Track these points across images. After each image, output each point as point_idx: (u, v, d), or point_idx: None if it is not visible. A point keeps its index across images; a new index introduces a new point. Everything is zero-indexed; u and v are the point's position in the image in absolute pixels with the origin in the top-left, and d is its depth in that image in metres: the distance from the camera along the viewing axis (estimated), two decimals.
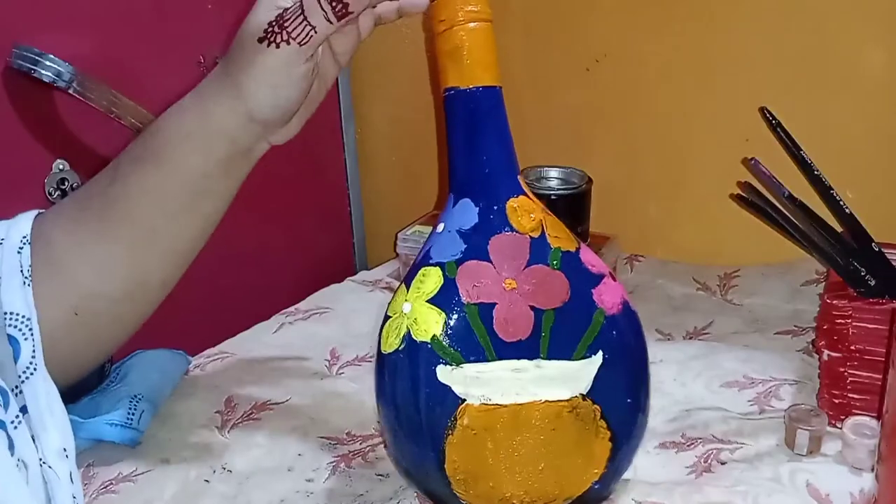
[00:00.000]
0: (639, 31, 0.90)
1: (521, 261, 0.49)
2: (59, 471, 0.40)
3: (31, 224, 0.44)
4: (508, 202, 0.50)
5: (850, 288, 0.61)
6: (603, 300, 0.49)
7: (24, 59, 0.67)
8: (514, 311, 0.48)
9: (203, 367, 0.75)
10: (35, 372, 0.41)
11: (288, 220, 1.02)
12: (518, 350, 0.48)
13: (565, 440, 0.48)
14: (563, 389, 0.48)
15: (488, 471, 0.48)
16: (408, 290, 0.51)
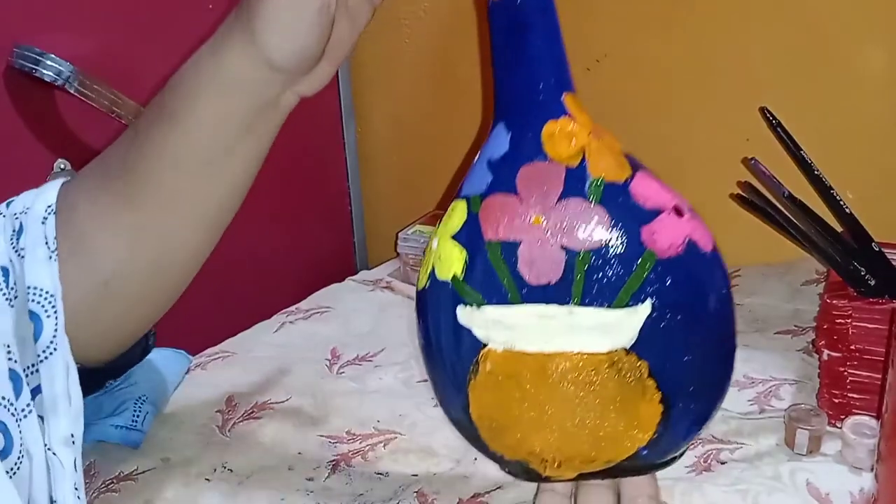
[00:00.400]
0: (639, 32, 0.90)
1: (554, 194, 0.43)
2: (63, 458, 0.38)
3: (57, 193, 0.41)
4: (546, 126, 0.44)
5: (850, 288, 0.61)
6: (655, 240, 0.42)
7: (25, 59, 0.67)
8: (541, 250, 0.43)
9: (204, 366, 0.75)
10: (55, 352, 0.39)
11: (289, 220, 1.02)
12: (546, 294, 0.43)
13: (603, 397, 0.43)
14: (601, 341, 0.43)
15: (515, 421, 0.44)
16: (438, 227, 0.46)
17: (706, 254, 0.43)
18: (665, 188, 0.44)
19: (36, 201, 0.41)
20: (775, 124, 0.67)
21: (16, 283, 0.39)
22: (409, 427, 0.64)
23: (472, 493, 0.55)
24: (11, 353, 0.38)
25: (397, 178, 1.14)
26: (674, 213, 0.43)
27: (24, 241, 0.39)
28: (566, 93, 0.45)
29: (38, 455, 0.38)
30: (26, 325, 0.39)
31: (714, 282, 0.43)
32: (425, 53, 1.05)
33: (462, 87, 1.04)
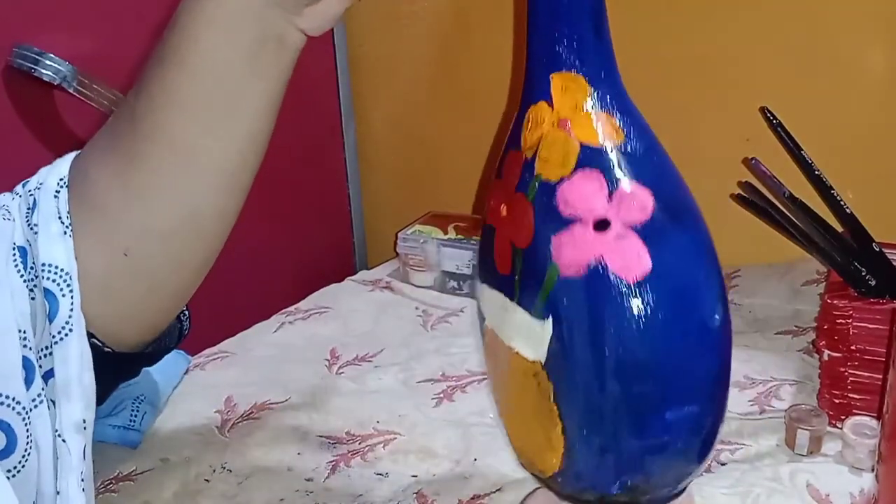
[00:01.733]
0: (639, 32, 0.90)
1: (512, 185, 0.40)
2: (72, 446, 0.37)
3: (70, 165, 0.39)
4: (529, 110, 0.40)
5: (851, 288, 0.61)
6: (560, 255, 0.37)
7: (24, 59, 0.67)
8: (500, 241, 0.41)
9: (203, 366, 0.75)
10: (70, 333, 0.37)
11: (288, 220, 1.02)
12: (502, 284, 0.41)
13: (530, 406, 0.40)
14: (528, 347, 0.39)
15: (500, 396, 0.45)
16: None
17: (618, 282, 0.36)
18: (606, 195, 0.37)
19: (49, 176, 0.39)
20: (776, 124, 0.67)
21: (34, 263, 0.37)
22: (408, 427, 0.64)
23: (471, 495, 0.54)
24: (27, 340, 0.36)
25: (397, 179, 1.13)
26: (591, 226, 0.37)
27: (36, 217, 0.38)
28: (556, 72, 0.40)
29: (47, 445, 0.37)
30: (41, 305, 0.37)
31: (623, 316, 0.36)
32: (425, 54, 1.05)
33: (462, 88, 1.04)
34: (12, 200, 0.40)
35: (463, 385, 0.70)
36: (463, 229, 0.93)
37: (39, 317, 0.37)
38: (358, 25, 1.07)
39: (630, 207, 0.37)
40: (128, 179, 0.38)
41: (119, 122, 0.39)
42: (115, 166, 0.38)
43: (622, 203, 0.37)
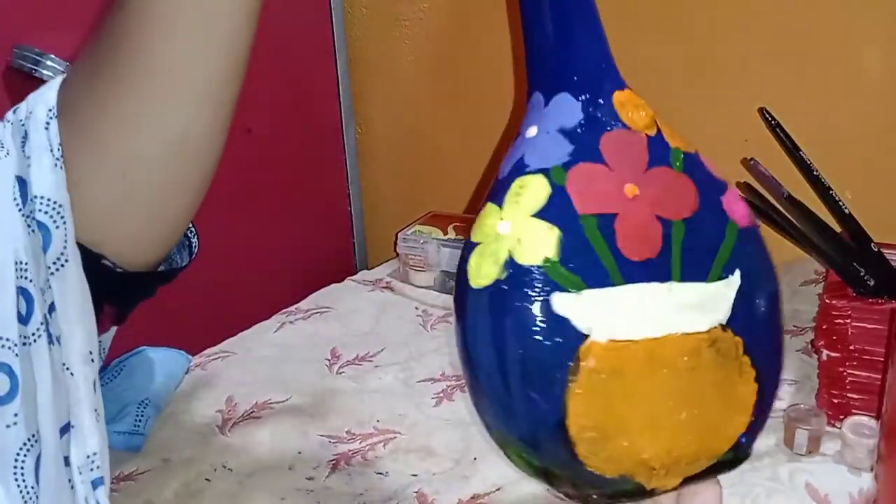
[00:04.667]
0: (639, 32, 0.90)
1: (641, 162, 0.40)
2: (80, 378, 0.37)
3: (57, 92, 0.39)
4: (615, 95, 0.41)
5: (849, 288, 0.61)
6: (733, 210, 0.40)
7: (24, 60, 0.67)
8: (639, 222, 0.39)
9: (204, 366, 0.75)
10: (66, 263, 0.37)
11: (288, 220, 1.02)
12: (647, 271, 0.39)
13: (706, 382, 0.39)
14: (702, 319, 0.39)
15: (622, 426, 0.39)
16: (501, 208, 0.40)
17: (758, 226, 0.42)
18: None
19: (37, 105, 0.38)
20: (774, 125, 0.67)
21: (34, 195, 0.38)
22: (408, 427, 0.64)
23: (471, 494, 0.55)
24: (27, 272, 0.36)
25: (397, 179, 1.14)
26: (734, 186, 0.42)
27: (28, 149, 0.38)
28: None
29: (45, 381, 0.37)
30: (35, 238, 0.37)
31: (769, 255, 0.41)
32: (425, 54, 1.05)
33: (462, 88, 1.04)
34: (3, 129, 0.39)
35: (463, 385, 0.70)
36: (463, 229, 0.93)
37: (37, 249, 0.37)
38: (358, 26, 1.07)
39: None
40: (113, 107, 0.37)
41: (99, 48, 0.38)
42: (102, 92, 0.38)
43: None
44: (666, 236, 0.39)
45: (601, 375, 0.38)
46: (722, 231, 0.40)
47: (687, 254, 0.39)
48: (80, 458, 0.37)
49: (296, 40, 0.97)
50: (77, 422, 0.37)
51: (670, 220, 0.39)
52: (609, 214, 0.39)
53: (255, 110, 0.91)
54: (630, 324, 0.38)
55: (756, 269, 0.40)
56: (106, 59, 0.38)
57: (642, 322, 0.38)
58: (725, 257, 0.39)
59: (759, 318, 0.40)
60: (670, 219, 0.39)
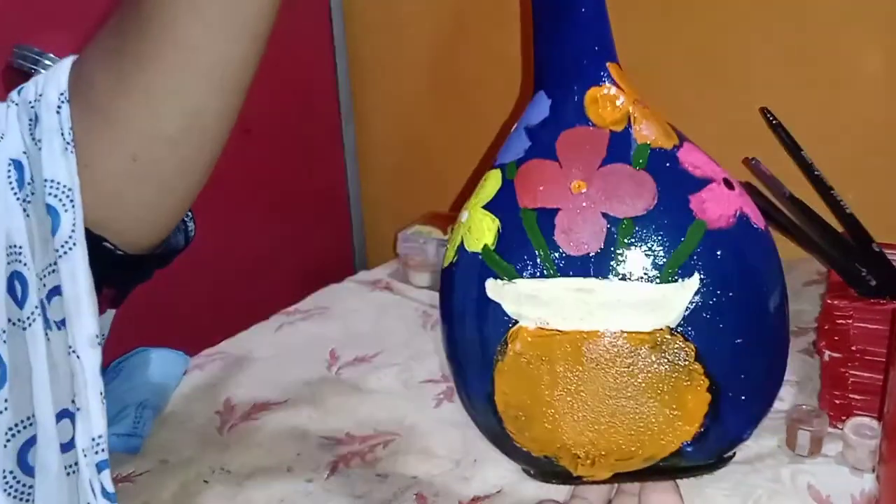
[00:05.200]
0: (640, 32, 0.90)
1: (596, 159, 0.40)
2: (87, 361, 0.37)
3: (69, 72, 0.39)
4: (589, 91, 0.41)
5: (851, 288, 0.61)
6: (705, 209, 0.39)
7: (24, 59, 0.67)
8: (580, 218, 0.40)
9: (202, 367, 0.74)
10: (75, 247, 0.37)
11: (288, 221, 1.02)
12: (585, 266, 0.39)
13: (644, 383, 0.39)
14: (644, 319, 0.39)
15: (543, 410, 0.40)
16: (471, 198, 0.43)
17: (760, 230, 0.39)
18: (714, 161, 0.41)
19: (47, 87, 0.39)
20: (776, 125, 0.67)
21: (33, 178, 0.38)
22: (408, 428, 0.63)
23: (471, 496, 0.54)
24: (21, 255, 0.37)
25: (396, 179, 1.13)
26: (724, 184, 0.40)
27: (39, 132, 0.38)
28: (610, 62, 0.43)
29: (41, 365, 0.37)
30: (44, 220, 0.37)
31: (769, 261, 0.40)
32: (424, 54, 1.05)
33: (461, 88, 1.04)
34: (7, 109, 0.40)
35: None
36: None
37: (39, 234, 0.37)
38: (358, 26, 1.07)
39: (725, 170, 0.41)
40: (133, 83, 0.38)
41: (124, 25, 0.39)
42: (121, 71, 0.38)
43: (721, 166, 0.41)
44: (610, 233, 0.39)
45: (528, 359, 0.39)
46: (682, 231, 0.38)
47: (634, 252, 0.38)
48: (86, 440, 0.37)
49: (295, 40, 0.96)
50: (83, 405, 0.37)
51: (617, 217, 0.39)
52: (551, 209, 0.39)
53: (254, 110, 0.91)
54: (559, 315, 0.39)
55: (726, 274, 0.38)
56: (131, 35, 0.38)
57: (573, 314, 0.39)
58: (681, 259, 0.38)
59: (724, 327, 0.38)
60: (618, 216, 0.39)
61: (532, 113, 0.43)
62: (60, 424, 0.38)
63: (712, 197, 0.39)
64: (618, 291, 0.39)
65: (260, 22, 0.39)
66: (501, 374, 0.40)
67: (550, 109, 0.42)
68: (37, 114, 0.38)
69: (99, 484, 0.37)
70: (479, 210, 0.41)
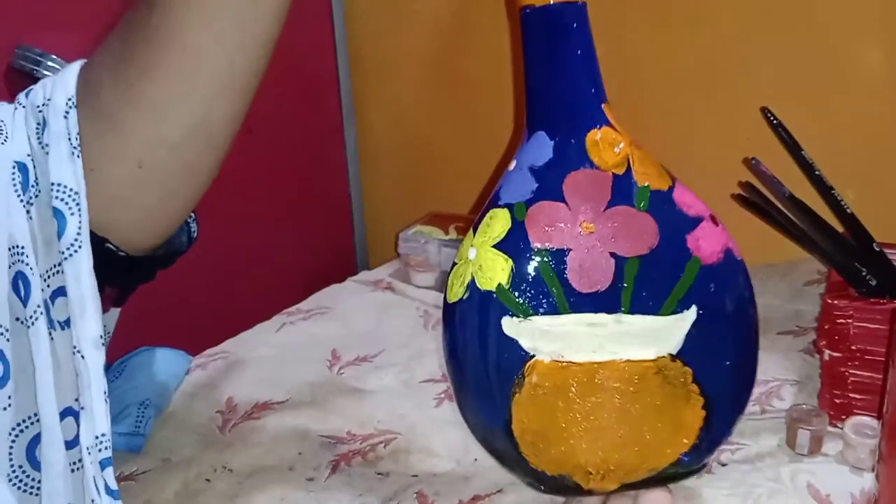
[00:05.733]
0: (641, 32, 0.90)
1: (602, 201, 0.43)
2: (91, 361, 0.38)
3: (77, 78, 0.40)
4: (589, 134, 0.44)
5: (851, 288, 0.61)
6: (699, 247, 0.43)
7: (26, 60, 0.67)
8: (590, 257, 0.43)
9: (204, 366, 0.75)
10: (80, 250, 0.38)
11: (289, 221, 1.02)
12: (595, 302, 0.43)
13: (649, 405, 0.43)
14: (648, 348, 0.43)
15: (559, 434, 0.44)
16: (474, 235, 0.46)
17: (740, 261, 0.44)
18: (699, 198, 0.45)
19: (55, 92, 0.39)
20: (776, 124, 0.67)
21: (37, 181, 0.39)
22: (409, 428, 0.64)
23: (472, 495, 0.55)
24: (24, 256, 0.38)
25: (398, 179, 1.14)
26: (711, 221, 0.44)
27: (47, 137, 0.39)
28: (604, 103, 0.46)
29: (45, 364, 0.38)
30: (49, 224, 0.38)
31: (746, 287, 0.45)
32: (425, 54, 1.05)
33: (462, 88, 1.04)
34: (14, 111, 0.40)
35: None
36: (464, 229, 0.93)
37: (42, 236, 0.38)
38: (358, 26, 1.07)
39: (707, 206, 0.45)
40: (140, 91, 0.38)
41: (131, 33, 0.39)
42: (127, 78, 0.39)
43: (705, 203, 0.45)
44: (618, 271, 0.42)
45: (543, 390, 0.43)
46: (681, 268, 0.42)
47: (640, 288, 0.42)
48: (89, 438, 0.38)
49: (297, 40, 0.97)
50: (87, 403, 0.38)
51: (624, 257, 0.42)
52: (562, 249, 0.43)
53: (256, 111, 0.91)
54: (572, 348, 0.43)
55: (717, 305, 0.43)
56: (138, 43, 0.39)
57: (585, 347, 0.43)
58: (682, 293, 0.43)
59: (715, 351, 0.43)
60: (625, 255, 0.42)
61: (534, 153, 0.45)
62: (64, 422, 0.39)
63: (704, 235, 0.43)
64: (625, 325, 0.43)
65: (268, 29, 0.40)
66: (519, 405, 0.43)
67: (554, 151, 0.44)
68: (45, 118, 0.39)
69: (102, 481, 0.38)
70: (489, 249, 0.44)
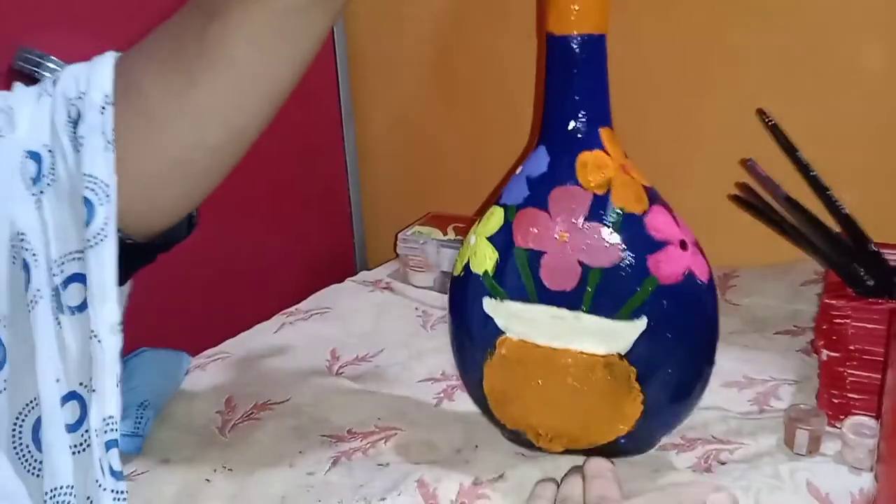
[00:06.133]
0: (638, 33, 0.90)
1: (579, 215, 0.49)
2: (108, 346, 0.39)
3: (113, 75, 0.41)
4: (581, 155, 0.50)
5: (849, 288, 0.61)
6: (659, 268, 0.48)
7: (26, 62, 0.67)
8: (561, 262, 0.49)
9: (204, 366, 0.75)
10: (106, 238, 0.39)
11: (289, 221, 1.02)
12: (560, 298, 0.50)
13: (594, 392, 0.50)
14: (600, 345, 0.49)
15: (518, 397, 0.52)
16: (478, 224, 0.53)
17: (702, 284, 0.49)
18: (675, 222, 0.50)
19: (91, 88, 0.41)
20: (772, 125, 0.67)
21: (54, 169, 0.40)
22: (409, 423, 0.64)
23: (472, 479, 0.55)
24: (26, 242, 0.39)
25: (397, 179, 1.14)
26: (679, 246, 0.49)
27: (83, 130, 0.40)
28: (603, 127, 0.51)
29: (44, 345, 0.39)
30: (78, 211, 0.39)
31: (704, 308, 0.50)
32: (425, 54, 1.05)
33: (462, 88, 1.05)
34: (39, 97, 0.41)
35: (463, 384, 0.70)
36: (462, 230, 0.93)
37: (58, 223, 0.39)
38: (358, 26, 1.07)
39: (687, 230, 0.50)
40: (188, 99, 0.40)
41: (181, 43, 0.40)
42: (176, 87, 0.40)
43: (682, 227, 0.50)
44: (583, 277, 0.49)
45: (510, 360, 0.52)
46: (638, 283, 0.48)
47: (599, 294, 0.49)
48: (98, 420, 0.39)
49: None
50: (99, 386, 0.39)
51: (590, 266, 0.49)
52: (539, 251, 0.50)
53: None
54: (536, 332, 0.50)
55: (668, 320, 0.48)
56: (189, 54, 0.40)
57: (547, 334, 0.50)
58: (636, 304, 0.48)
59: (660, 359, 0.49)
60: (590, 265, 0.49)
61: (534, 164, 0.52)
62: (68, 405, 0.39)
63: (666, 258, 0.48)
64: (583, 322, 0.49)
65: (315, 45, 0.42)
66: (490, 368, 0.53)
67: (549, 166, 0.51)
68: (79, 111, 0.40)
69: (108, 462, 0.38)
70: (483, 240, 0.52)
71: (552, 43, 0.50)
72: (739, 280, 0.87)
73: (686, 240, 0.49)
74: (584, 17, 0.49)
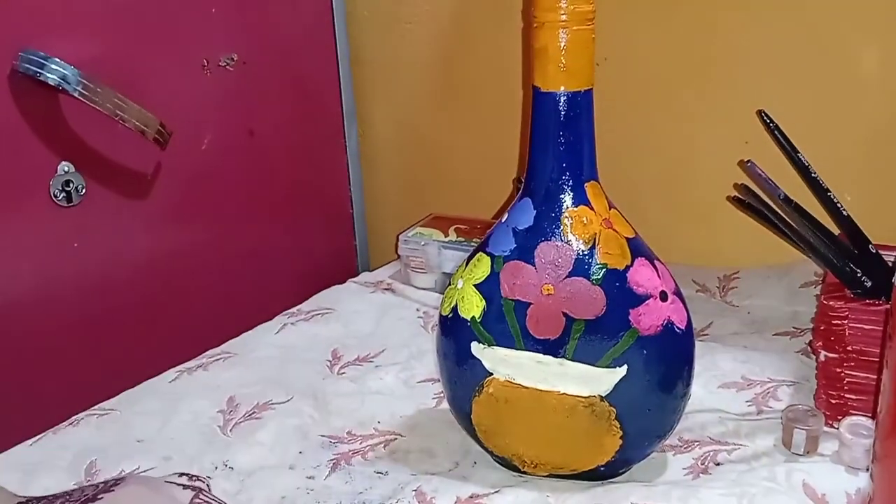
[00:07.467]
0: (639, 34, 0.90)
1: (563, 271, 0.51)
2: None
3: None
4: (567, 211, 0.52)
5: (847, 289, 0.61)
6: (640, 321, 0.50)
7: (30, 63, 0.68)
8: (546, 313, 0.51)
9: (206, 366, 0.75)
10: None
11: (290, 222, 1.02)
12: (545, 346, 0.52)
13: (576, 429, 0.53)
14: (583, 388, 0.52)
15: (505, 431, 0.55)
16: (466, 267, 0.55)
17: (680, 331, 0.52)
18: (657, 274, 0.52)
19: None
20: (772, 127, 0.68)
21: None
22: (408, 428, 0.64)
23: (469, 494, 0.55)
24: None
25: (398, 180, 1.14)
26: (659, 298, 0.51)
27: None
28: (589, 182, 0.52)
29: None
30: None
31: (681, 354, 0.53)
32: (427, 55, 1.06)
33: (463, 89, 1.05)
34: None
35: None
36: (464, 231, 0.94)
37: None
38: (360, 27, 1.07)
39: (668, 279, 0.52)
40: None
41: None
42: None
43: (663, 277, 0.52)
44: (567, 327, 0.51)
45: (496, 399, 0.54)
46: (620, 335, 0.51)
47: (582, 343, 0.51)
48: None
49: (298, 42, 0.97)
50: None
51: (573, 317, 0.51)
52: (525, 302, 0.52)
53: (257, 112, 0.92)
54: (522, 375, 0.53)
55: (647, 367, 0.51)
56: None
57: (532, 377, 0.53)
58: (617, 354, 0.51)
59: (639, 401, 0.52)
60: (574, 316, 0.51)
61: (519, 216, 0.53)
62: None
63: (647, 311, 0.51)
64: (566, 368, 0.52)
65: None
66: (478, 404, 0.55)
67: (535, 219, 0.52)
68: None
69: None
70: (471, 287, 0.54)
71: (538, 98, 0.51)
72: (739, 281, 0.88)
73: (666, 290, 0.51)
74: (571, 74, 0.49)
